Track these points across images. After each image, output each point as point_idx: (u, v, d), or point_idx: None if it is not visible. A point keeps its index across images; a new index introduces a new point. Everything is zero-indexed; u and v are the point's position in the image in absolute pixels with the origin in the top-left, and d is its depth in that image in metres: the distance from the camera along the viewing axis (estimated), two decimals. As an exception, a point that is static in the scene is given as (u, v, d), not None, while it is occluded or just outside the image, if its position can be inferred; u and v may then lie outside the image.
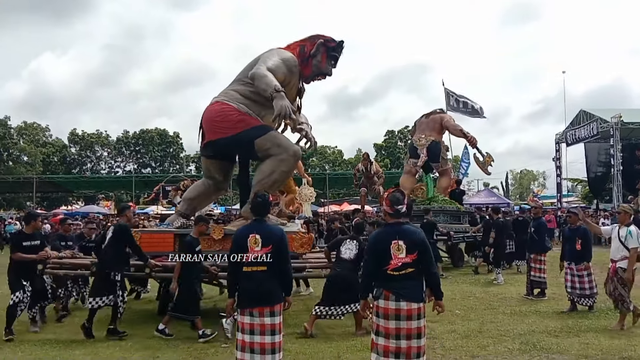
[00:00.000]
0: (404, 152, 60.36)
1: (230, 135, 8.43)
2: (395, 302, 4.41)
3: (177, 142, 67.68)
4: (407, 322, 4.40)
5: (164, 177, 36.06)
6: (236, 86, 8.93)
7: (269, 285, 4.79)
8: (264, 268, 4.79)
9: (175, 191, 19.90)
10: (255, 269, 4.80)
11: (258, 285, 4.76)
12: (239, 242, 4.92)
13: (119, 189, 52.52)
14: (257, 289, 4.75)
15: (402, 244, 4.47)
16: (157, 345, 6.90)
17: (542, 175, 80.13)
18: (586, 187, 44.94)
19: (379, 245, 4.60)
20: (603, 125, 28.28)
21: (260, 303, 4.73)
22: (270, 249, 4.82)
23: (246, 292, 4.81)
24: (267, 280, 4.79)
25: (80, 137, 65.46)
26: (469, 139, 16.73)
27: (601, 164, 32.09)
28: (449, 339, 6.98)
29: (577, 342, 6.73)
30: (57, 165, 62.83)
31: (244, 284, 4.83)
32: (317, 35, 9.20)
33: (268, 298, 4.77)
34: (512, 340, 6.86)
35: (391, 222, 4.67)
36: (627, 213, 7.75)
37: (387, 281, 4.48)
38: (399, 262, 4.46)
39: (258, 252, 4.81)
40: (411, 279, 4.48)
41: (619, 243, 7.54)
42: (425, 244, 4.57)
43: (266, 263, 4.80)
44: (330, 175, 44.95)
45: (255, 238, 4.84)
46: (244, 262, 4.84)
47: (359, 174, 19.45)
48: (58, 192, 53.40)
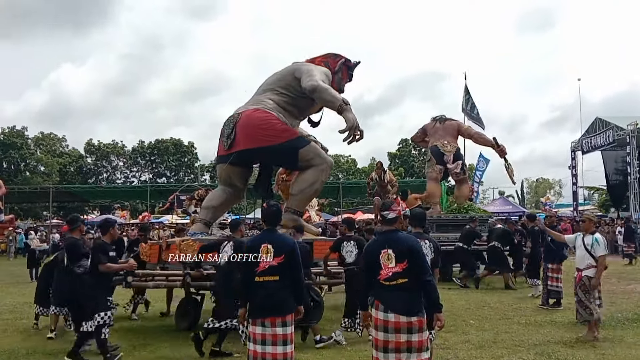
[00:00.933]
0: (418, 161, 60.31)
1: (277, 144, 8.52)
2: (384, 313, 4.27)
3: (191, 152, 68.07)
4: (395, 334, 4.21)
5: (179, 187, 36.22)
6: (271, 95, 9.04)
7: (281, 295, 4.77)
8: (276, 278, 4.77)
9: (190, 200, 19.94)
10: (267, 279, 4.77)
11: (270, 295, 4.73)
12: (251, 252, 4.88)
13: (134, 199, 52.79)
14: (269, 299, 4.72)
15: (391, 253, 4.34)
16: (170, 354, 6.92)
17: (558, 184, 79.46)
18: (602, 195, 44.50)
19: (370, 255, 4.54)
20: (619, 133, 28.00)
21: (272, 313, 4.70)
22: (283, 258, 4.78)
23: (258, 302, 4.77)
24: (280, 290, 4.77)
25: (96, 148, 66.07)
26: (500, 149, 16.06)
27: (618, 172, 31.76)
28: (463, 349, 6.92)
29: (593, 353, 6.64)
30: (73, 175, 63.43)
31: (256, 294, 4.80)
32: (337, 54, 9.75)
33: (280, 308, 4.74)
34: (526, 351, 6.79)
35: (384, 230, 4.61)
36: (592, 221, 7.71)
37: (379, 290, 4.38)
38: (389, 271, 4.33)
39: (270, 262, 4.78)
40: (404, 290, 4.30)
41: (584, 251, 7.44)
42: (415, 251, 4.38)
43: (278, 273, 4.78)
44: (343, 184, 44.86)
45: (267, 248, 4.81)
46: (256, 272, 4.80)
47: (372, 183, 19.40)
48: (74, 201, 53.74)
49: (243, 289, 5.04)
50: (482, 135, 17.20)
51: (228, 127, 8.85)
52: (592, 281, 7.39)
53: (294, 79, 9.08)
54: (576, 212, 33.45)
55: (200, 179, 60.71)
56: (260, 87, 9.49)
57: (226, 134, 8.87)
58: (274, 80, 9.33)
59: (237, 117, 8.79)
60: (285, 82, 9.18)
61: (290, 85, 9.11)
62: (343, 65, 9.66)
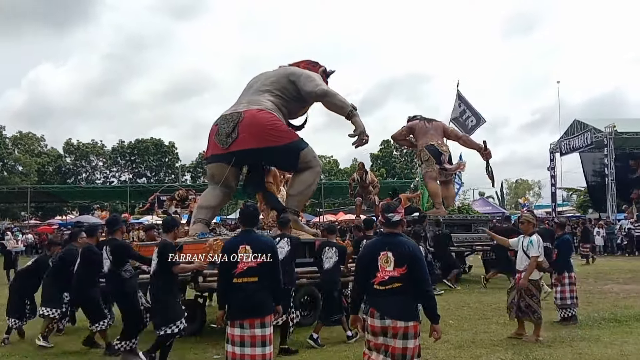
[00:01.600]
0: (400, 162, 60.65)
1: (283, 144, 8.64)
2: (380, 320, 4.15)
3: (172, 152, 67.70)
4: (393, 340, 4.12)
5: (159, 187, 35.93)
6: (269, 97, 9.14)
7: (261, 296, 4.74)
8: (255, 279, 4.72)
9: (171, 201, 19.81)
10: (246, 280, 4.72)
11: (249, 296, 4.69)
12: (229, 253, 4.80)
13: (114, 199, 52.34)
14: (248, 301, 4.69)
15: (390, 256, 4.19)
16: (149, 356, 6.85)
17: (537, 185, 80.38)
18: (581, 196, 45.09)
19: (367, 256, 4.37)
20: (597, 135, 28.39)
21: (251, 315, 4.68)
22: (262, 259, 4.75)
23: (237, 304, 4.73)
24: (259, 291, 4.73)
25: (76, 147, 65.40)
26: (487, 153, 16.25)
27: (596, 173, 32.19)
28: (442, 349, 6.95)
29: (570, 352, 6.72)
30: (52, 175, 62.71)
31: (234, 296, 4.75)
32: (315, 62, 10.23)
33: (259, 309, 4.72)
34: (505, 351, 6.85)
35: (385, 232, 4.47)
36: (530, 222, 7.65)
37: (374, 297, 4.23)
38: (385, 275, 4.17)
39: (249, 264, 4.73)
40: (398, 294, 4.17)
41: (522, 253, 7.47)
42: (417, 258, 4.23)
43: (258, 274, 4.73)
44: (325, 185, 44.90)
45: (246, 249, 4.75)
46: (235, 274, 4.74)
47: (354, 184, 19.46)
48: (53, 202, 53.15)
49: (221, 290, 4.97)
50: (470, 138, 17.31)
51: (228, 126, 8.70)
52: (520, 281, 7.40)
53: (289, 82, 9.29)
54: (554, 213, 33.86)
55: (181, 179, 60.43)
56: (251, 87, 9.54)
57: (225, 132, 8.71)
58: (270, 82, 9.39)
59: (239, 116, 8.68)
60: (281, 85, 9.33)
61: (285, 88, 9.30)
62: (323, 74, 10.07)
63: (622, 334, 7.68)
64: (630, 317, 8.79)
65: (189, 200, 18.89)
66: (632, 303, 10.33)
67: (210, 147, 9.19)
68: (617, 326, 8.25)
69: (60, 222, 42.05)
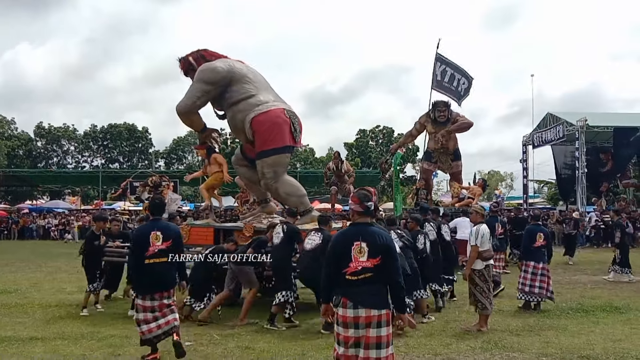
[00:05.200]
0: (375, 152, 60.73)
1: None
2: (354, 310, 4.10)
3: (145, 137, 66.77)
4: (365, 330, 4.08)
5: (132, 173, 35.52)
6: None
7: (168, 273, 5.95)
8: (164, 259, 5.87)
9: (143, 187, 19.55)
10: (156, 261, 5.84)
11: (158, 273, 5.85)
12: (142, 238, 5.95)
13: (85, 184, 51.61)
14: (157, 277, 5.85)
15: (364, 246, 4.14)
16: (119, 343, 6.80)
17: (510, 177, 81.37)
18: (552, 188, 45.76)
19: (340, 245, 4.28)
20: (569, 129, 28.73)
21: (160, 288, 5.88)
22: (170, 243, 5.91)
23: (148, 280, 5.88)
24: (167, 269, 5.92)
25: (47, 131, 64.15)
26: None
27: (567, 166, 32.59)
28: (413, 336, 7.03)
29: (538, 341, 6.84)
30: (22, 158, 61.46)
31: (146, 274, 5.86)
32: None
33: (166, 284, 5.93)
34: (474, 339, 6.95)
35: (357, 222, 4.34)
36: (479, 213, 7.78)
37: (345, 287, 4.17)
38: (358, 265, 4.13)
39: (160, 246, 5.85)
40: (370, 284, 4.14)
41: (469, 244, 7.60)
42: (391, 248, 4.23)
43: (166, 255, 5.88)
44: (301, 173, 44.85)
45: (157, 234, 5.86)
46: (146, 256, 5.82)
47: (329, 173, 19.45)
48: (23, 186, 52.21)
49: (134, 270, 6.11)
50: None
51: (297, 122, 9.59)
52: (464, 272, 7.53)
53: None
54: (526, 204, 34.32)
55: (154, 166, 59.72)
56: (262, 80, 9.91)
57: (298, 128, 9.61)
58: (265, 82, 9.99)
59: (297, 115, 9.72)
60: None
61: None
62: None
63: (589, 323, 7.84)
64: (596, 308, 8.98)
65: (162, 186, 18.66)
66: (599, 294, 10.55)
67: (287, 137, 9.49)
68: (584, 316, 8.43)
69: (30, 207, 41.32)
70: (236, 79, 9.46)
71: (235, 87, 9.45)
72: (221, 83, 9.37)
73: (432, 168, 18.74)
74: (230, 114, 9.58)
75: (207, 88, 9.31)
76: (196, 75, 9.38)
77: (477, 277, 7.42)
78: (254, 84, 9.59)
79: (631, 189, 32.31)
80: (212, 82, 9.32)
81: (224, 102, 9.55)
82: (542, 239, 9.07)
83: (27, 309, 9.05)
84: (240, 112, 9.43)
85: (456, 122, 17.94)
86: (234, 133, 10.36)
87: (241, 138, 10.05)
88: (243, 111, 9.41)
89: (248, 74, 9.64)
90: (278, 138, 9.38)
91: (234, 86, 9.45)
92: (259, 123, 9.32)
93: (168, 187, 17.97)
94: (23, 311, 8.86)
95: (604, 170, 29.99)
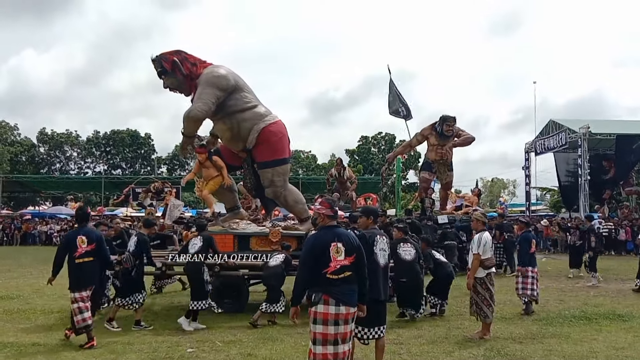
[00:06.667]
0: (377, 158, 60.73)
1: None
2: (335, 307, 4.42)
3: (148, 144, 66.89)
4: (344, 326, 4.45)
5: (134, 179, 35.59)
6: None
7: (93, 271, 7.01)
8: (90, 259, 6.90)
9: (146, 193, 19.62)
10: (84, 260, 6.87)
11: (86, 272, 6.89)
12: (70, 242, 6.97)
13: (88, 190, 51.69)
14: (84, 274, 6.87)
15: (341, 246, 4.52)
16: (122, 349, 6.80)
17: (512, 184, 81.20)
18: (554, 196, 45.66)
19: (319, 247, 4.57)
20: (571, 136, 28.75)
21: (87, 284, 6.90)
22: (94, 245, 6.93)
23: (76, 277, 6.87)
24: (92, 268, 6.97)
25: (50, 137, 64.29)
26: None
27: (570, 173, 32.58)
28: (415, 344, 7.02)
29: (541, 349, 6.82)
30: (25, 164, 61.57)
31: (75, 272, 6.87)
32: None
33: (91, 280, 6.98)
34: (477, 347, 6.92)
35: (328, 225, 4.71)
36: (479, 221, 7.74)
37: (326, 286, 4.46)
38: (337, 264, 4.48)
39: (86, 248, 6.88)
40: (349, 283, 4.53)
41: (471, 251, 7.59)
42: (361, 248, 4.68)
43: (92, 255, 6.92)
44: (303, 179, 44.91)
45: (82, 239, 6.90)
46: (76, 256, 6.84)
47: (332, 179, 19.54)
48: (25, 192, 52.33)
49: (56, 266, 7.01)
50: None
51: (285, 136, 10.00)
52: (467, 281, 7.50)
53: None
54: (528, 212, 34.29)
55: (157, 172, 59.79)
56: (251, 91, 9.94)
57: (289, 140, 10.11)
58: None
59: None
60: None
61: None
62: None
63: (592, 331, 7.81)
64: (599, 315, 8.95)
65: (165, 192, 18.72)
66: (601, 301, 10.52)
67: (288, 149, 10.11)
68: (587, 324, 8.39)
69: (32, 212, 41.37)
70: (239, 88, 9.62)
71: (238, 95, 9.57)
72: (229, 90, 9.46)
73: (432, 178, 19.09)
74: (233, 121, 9.59)
75: (220, 94, 9.34)
76: (206, 80, 9.35)
77: (479, 286, 7.40)
78: (252, 94, 9.86)
79: (634, 196, 32.24)
80: (224, 89, 9.39)
81: (224, 109, 9.50)
82: (534, 245, 9.62)
83: (29, 315, 9.06)
84: (246, 120, 9.58)
85: (459, 136, 18.27)
86: (226, 139, 10.12)
87: (234, 145, 10.05)
88: (250, 120, 9.59)
89: (246, 84, 9.85)
90: (286, 149, 9.96)
91: (237, 94, 9.56)
92: (271, 133, 9.66)
93: (170, 193, 18.03)
94: (25, 317, 8.88)
95: (607, 178, 29.99)
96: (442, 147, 18.08)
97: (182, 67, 9.44)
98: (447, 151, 18.19)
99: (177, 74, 9.50)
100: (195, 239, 8.47)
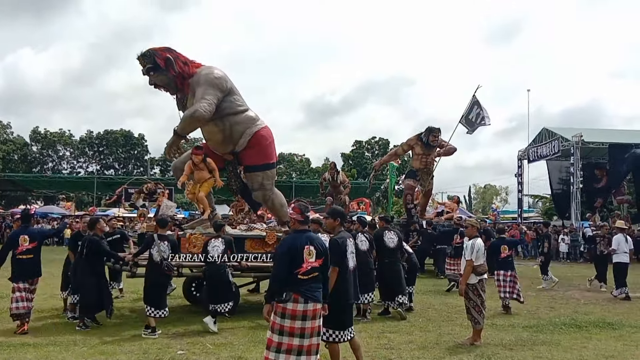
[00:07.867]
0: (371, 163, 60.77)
1: None
2: (304, 304, 4.79)
3: (141, 144, 66.79)
4: (312, 321, 4.82)
5: (127, 179, 35.46)
6: None
7: (34, 266, 7.93)
8: (30, 256, 7.85)
9: (138, 194, 19.54)
10: (25, 257, 7.82)
11: (27, 266, 7.85)
12: (13, 240, 7.92)
13: (80, 190, 51.46)
14: (27, 268, 7.84)
15: (312, 250, 4.92)
16: (112, 350, 6.79)
17: (504, 191, 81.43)
18: (546, 203, 45.84)
19: (295, 249, 4.89)
20: (564, 144, 28.86)
21: (28, 277, 7.89)
22: (36, 244, 7.88)
23: (20, 271, 7.84)
24: (33, 263, 7.90)
25: (42, 136, 64.05)
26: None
27: (562, 181, 32.68)
28: (407, 349, 7.02)
29: (531, 356, 6.84)
30: (17, 163, 61.32)
31: (19, 266, 7.82)
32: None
33: (33, 273, 7.94)
34: (467, 353, 6.94)
35: (301, 229, 5.09)
36: (474, 227, 7.75)
37: (296, 285, 4.82)
38: (309, 265, 4.87)
39: (27, 246, 7.82)
40: (317, 282, 4.93)
41: (464, 257, 7.61)
42: (327, 251, 5.11)
43: (32, 253, 7.87)
44: (296, 183, 44.94)
45: (25, 237, 7.84)
46: (17, 253, 7.80)
47: (325, 183, 19.54)
48: (17, 191, 52.04)
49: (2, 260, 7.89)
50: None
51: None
52: (459, 287, 7.52)
53: None
54: (520, 219, 34.40)
55: (150, 172, 59.59)
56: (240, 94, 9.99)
57: None
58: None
59: None
60: None
61: None
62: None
63: (582, 339, 7.84)
64: (589, 323, 8.99)
65: (157, 193, 18.65)
66: (592, 309, 10.56)
67: (275, 154, 10.45)
68: (577, 331, 8.42)
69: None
70: (232, 90, 9.70)
71: (232, 98, 9.63)
72: (226, 92, 9.53)
73: (416, 185, 19.68)
74: (225, 123, 9.59)
75: (220, 95, 9.39)
76: (207, 80, 9.31)
77: (471, 292, 7.40)
78: (242, 97, 9.96)
79: (625, 205, 32.42)
80: (223, 91, 9.47)
81: (218, 111, 9.40)
82: (506, 250, 10.39)
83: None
84: (239, 124, 9.67)
85: (442, 147, 19.11)
86: (215, 141, 10.01)
87: (223, 147, 10.03)
88: (243, 123, 9.69)
89: (235, 87, 9.89)
90: (274, 153, 10.26)
91: (231, 97, 9.63)
92: (262, 137, 9.84)
93: (163, 195, 17.98)
94: (14, 317, 8.80)
95: (599, 186, 30.11)
96: (426, 157, 18.89)
97: (175, 65, 9.39)
98: (431, 160, 19.04)
99: (170, 71, 9.41)
100: (215, 241, 8.44)
